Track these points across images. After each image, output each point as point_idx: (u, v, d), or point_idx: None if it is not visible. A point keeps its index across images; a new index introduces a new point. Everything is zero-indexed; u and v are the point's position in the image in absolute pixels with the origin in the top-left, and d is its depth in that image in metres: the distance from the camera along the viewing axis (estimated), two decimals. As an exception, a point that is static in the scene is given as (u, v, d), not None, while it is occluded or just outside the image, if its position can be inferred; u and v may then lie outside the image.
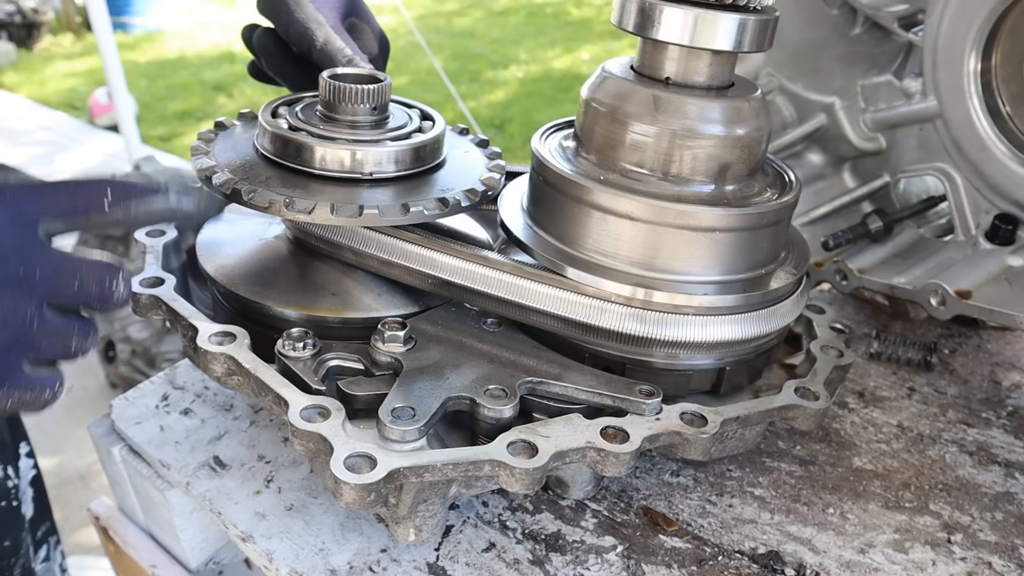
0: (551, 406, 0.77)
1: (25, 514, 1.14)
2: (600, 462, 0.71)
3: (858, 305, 1.23)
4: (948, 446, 0.95)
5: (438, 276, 0.82)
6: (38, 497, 1.18)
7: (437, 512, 0.74)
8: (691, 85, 0.79)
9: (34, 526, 1.17)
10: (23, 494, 1.14)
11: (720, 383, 0.83)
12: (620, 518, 0.82)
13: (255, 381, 0.74)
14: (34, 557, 1.16)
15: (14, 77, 7.23)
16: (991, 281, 0.98)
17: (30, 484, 1.17)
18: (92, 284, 0.65)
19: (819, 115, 1.18)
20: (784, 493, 0.86)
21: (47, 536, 1.21)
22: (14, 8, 7.91)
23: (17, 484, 1.12)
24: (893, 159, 1.13)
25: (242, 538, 0.78)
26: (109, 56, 4.29)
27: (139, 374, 3.12)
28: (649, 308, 0.76)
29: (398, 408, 0.70)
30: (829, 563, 0.77)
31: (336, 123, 0.84)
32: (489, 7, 9.39)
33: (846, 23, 1.14)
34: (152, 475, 0.91)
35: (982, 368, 1.11)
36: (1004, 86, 0.99)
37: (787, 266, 0.85)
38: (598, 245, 0.79)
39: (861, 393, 1.03)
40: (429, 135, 0.86)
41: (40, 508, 1.19)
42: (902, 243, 1.12)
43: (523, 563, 0.76)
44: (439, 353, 0.78)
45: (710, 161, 0.78)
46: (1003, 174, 0.99)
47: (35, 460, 1.19)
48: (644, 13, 0.75)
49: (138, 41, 7.99)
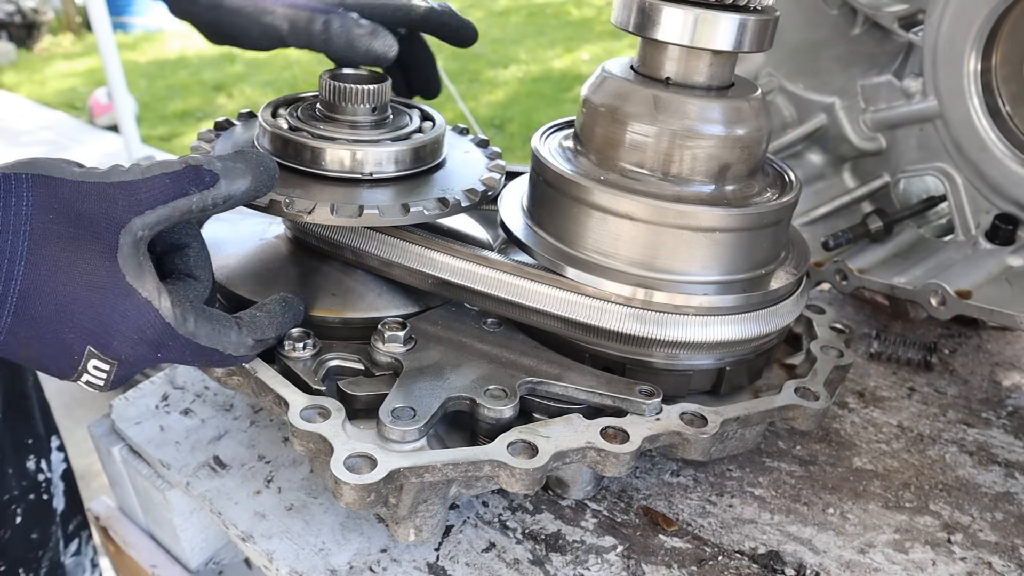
0: (551, 406, 0.77)
1: (56, 508, 1.14)
2: (600, 462, 0.71)
3: (858, 305, 1.23)
4: (948, 446, 0.95)
5: (438, 276, 0.82)
6: (69, 491, 1.19)
7: (437, 512, 0.74)
8: (691, 85, 0.79)
9: (65, 520, 1.17)
10: (55, 487, 1.14)
11: (720, 383, 0.83)
12: (620, 518, 0.82)
13: (255, 381, 0.74)
14: (64, 551, 1.16)
15: (14, 77, 7.23)
16: (991, 281, 0.98)
17: (61, 478, 1.17)
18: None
19: (819, 115, 1.18)
20: (784, 493, 0.86)
21: (79, 530, 1.21)
22: (14, 8, 7.91)
23: (49, 478, 1.12)
24: (893, 159, 1.13)
25: (242, 538, 0.78)
26: (109, 56, 4.29)
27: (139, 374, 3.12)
28: (649, 308, 0.76)
29: (398, 408, 0.70)
30: (829, 563, 0.77)
31: (336, 123, 0.84)
32: (489, 7, 9.39)
33: (846, 23, 1.14)
34: (152, 475, 0.91)
35: (982, 368, 1.11)
36: (1004, 86, 0.99)
37: (787, 266, 0.85)
38: (598, 245, 0.79)
39: (861, 393, 1.03)
40: (429, 135, 0.86)
41: (71, 502, 1.19)
42: (902, 243, 1.12)
43: (523, 563, 0.76)
44: (439, 353, 0.78)
45: (710, 161, 0.78)
46: (1003, 174, 0.99)
47: (65, 454, 1.19)
48: (644, 13, 0.75)
49: (138, 41, 7.99)
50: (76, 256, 0.60)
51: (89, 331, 0.61)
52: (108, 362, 0.63)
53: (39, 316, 0.60)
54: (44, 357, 0.62)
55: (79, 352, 0.62)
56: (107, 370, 0.64)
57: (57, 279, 0.59)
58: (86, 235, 0.60)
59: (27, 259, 0.58)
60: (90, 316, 0.61)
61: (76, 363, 0.63)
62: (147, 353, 0.65)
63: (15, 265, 0.58)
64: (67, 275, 0.60)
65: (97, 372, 0.64)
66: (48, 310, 0.60)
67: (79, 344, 0.62)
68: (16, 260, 0.58)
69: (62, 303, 0.60)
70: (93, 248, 0.61)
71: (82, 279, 0.60)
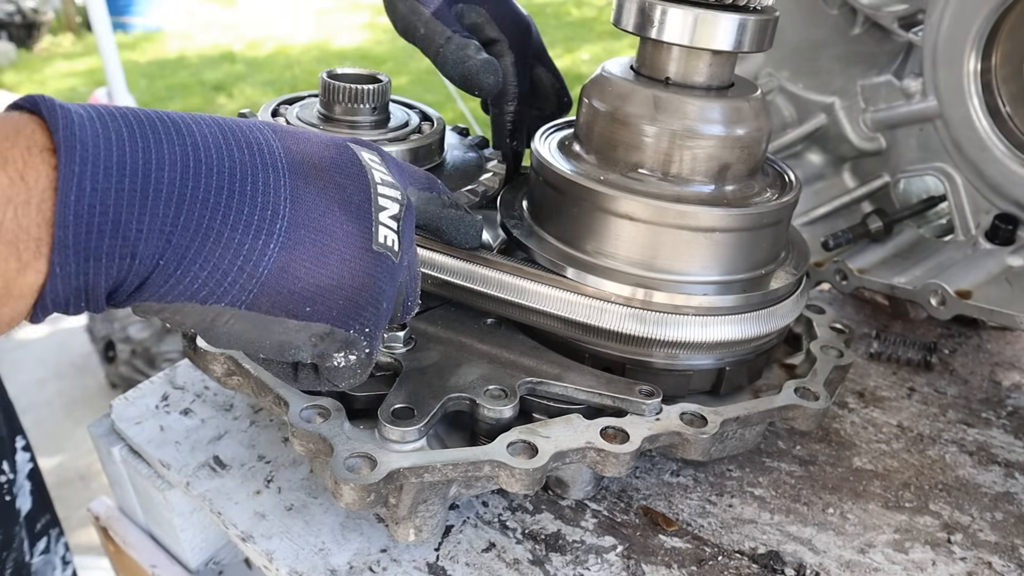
0: (551, 406, 0.77)
1: (21, 508, 1.14)
2: (600, 462, 0.71)
3: (858, 305, 1.23)
4: (948, 446, 0.95)
5: (438, 276, 0.82)
6: (36, 491, 1.18)
7: (437, 512, 0.74)
8: (691, 85, 0.79)
9: (32, 519, 1.17)
10: (19, 488, 1.14)
11: (720, 383, 0.83)
12: (620, 518, 0.82)
13: (255, 381, 0.74)
14: (31, 550, 1.16)
15: (14, 77, 7.23)
16: (991, 281, 0.98)
17: (27, 478, 1.16)
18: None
19: (819, 115, 1.18)
20: (784, 493, 0.86)
21: (47, 529, 1.21)
22: (14, 8, 7.91)
23: (12, 479, 1.12)
24: (893, 159, 1.13)
25: (242, 538, 0.78)
26: (109, 56, 4.29)
27: (139, 374, 3.12)
28: (649, 308, 0.76)
29: (398, 408, 0.70)
30: (829, 563, 0.77)
31: (336, 123, 0.84)
32: (489, 7, 9.36)
33: (846, 23, 1.14)
34: (152, 475, 0.91)
35: (982, 368, 1.11)
36: (1004, 86, 0.99)
37: (787, 266, 0.85)
38: (598, 245, 0.79)
39: (861, 393, 1.03)
40: (428, 135, 0.86)
41: (39, 501, 1.18)
42: (902, 243, 1.12)
43: (523, 563, 0.76)
44: (439, 353, 0.78)
45: (710, 161, 0.78)
46: (1003, 174, 0.99)
47: (32, 453, 1.18)
48: (644, 13, 0.75)
49: (138, 41, 7.99)
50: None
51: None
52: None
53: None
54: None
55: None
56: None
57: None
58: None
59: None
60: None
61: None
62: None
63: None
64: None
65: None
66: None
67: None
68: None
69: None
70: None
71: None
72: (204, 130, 0.53)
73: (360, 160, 0.61)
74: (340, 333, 0.57)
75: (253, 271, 0.53)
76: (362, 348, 0.59)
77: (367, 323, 0.58)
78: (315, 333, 0.57)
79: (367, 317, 0.58)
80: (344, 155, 0.60)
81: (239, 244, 0.52)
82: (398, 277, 0.61)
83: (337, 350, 0.59)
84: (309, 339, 0.57)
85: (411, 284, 0.65)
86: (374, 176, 0.61)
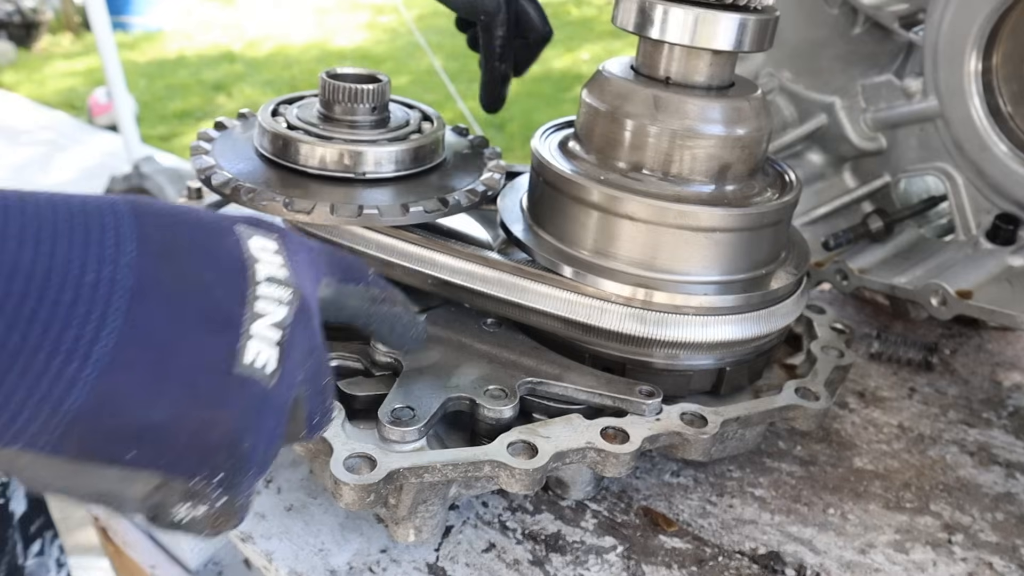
0: (551, 406, 0.77)
1: (15, 511, 1.14)
2: (600, 462, 0.71)
3: (858, 305, 1.23)
4: (949, 446, 0.95)
5: (438, 276, 0.82)
6: (31, 493, 1.18)
7: (437, 513, 0.74)
8: (691, 85, 0.78)
9: (26, 522, 1.17)
10: (13, 491, 1.14)
11: (720, 383, 0.83)
12: (620, 518, 0.81)
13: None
14: (25, 553, 1.16)
15: (13, 77, 7.23)
16: (992, 281, 0.98)
17: None
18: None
19: (819, 115, 1.18)
20: (784, 493, 0.86)
21: (42, 531, 1.21)
22: (13, 8, 7.90)
23: (6, 482, 1.12)
24: (893, 159, 1.13)
25: (241, 538, 0.78)
26: (108, 56, 4.28)
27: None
28: (649, 308, 0.76)
29: (398, 408, 0.70)
30: (830, 563, 0.77)
31: (335, 123, 0.84)
32: (489, 7, 9.37)
33: (846, 23, 1.14)
34: (151, 475, 0.90)
35: (983, 368, 1.11)
36: (1005, 86, 0.99)
37: (787, 266, 0.85)
38: (598, 245, 0.79)
39: (862, 393, 1.03)
40: (428, 135, 0.86)
41: (33, 504, 1.18)
42: (902, 243, 1.12)
43: (523, 563, 0.76)
44: (439, 353, 0.78)
45: (710, 161, 0.77)
46: (1004, 174, 0.99)
47: None
48: (644, 13, 0.75)
49: (138, 41, 7.98)
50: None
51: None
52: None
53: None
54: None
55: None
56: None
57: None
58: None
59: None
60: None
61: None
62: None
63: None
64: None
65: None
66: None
67: None
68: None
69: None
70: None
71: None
72: (18, 219, 0.40)
73: (241, 250, 0.48)
74: (179, 483, 0.44)
75: (58, 405, 0.40)
76: (214, 499, 0.45)
77: (220, 468, 0.44)
78: (144, 483, 0.44)
79: (218, 462, 0.44)
80: (222, 243, 0.48)
81: (40, 371, 0.39)
82: (275, 404, 0.48)
83: (178, 502, 0.45)
84: (137, 490, 0.44)
85: (315, 399, 0.53)
86: (257, 272, 0.48)
